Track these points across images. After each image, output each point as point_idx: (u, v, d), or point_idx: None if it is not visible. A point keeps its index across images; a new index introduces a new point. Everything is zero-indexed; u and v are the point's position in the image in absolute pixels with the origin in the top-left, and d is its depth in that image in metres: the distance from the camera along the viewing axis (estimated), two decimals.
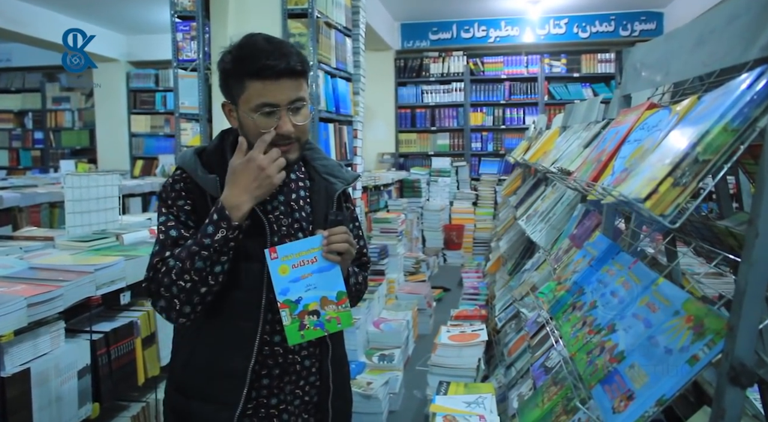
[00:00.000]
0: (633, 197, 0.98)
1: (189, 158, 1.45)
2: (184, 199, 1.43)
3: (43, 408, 1.79)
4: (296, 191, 1.54)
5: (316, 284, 1.40)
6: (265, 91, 1.35)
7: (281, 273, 1.39)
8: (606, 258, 1.58)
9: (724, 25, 1.10)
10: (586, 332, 1.32)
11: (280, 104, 1.37)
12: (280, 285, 1.38)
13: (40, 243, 2.53)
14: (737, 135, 0.90)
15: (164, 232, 1.42)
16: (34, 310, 1.74)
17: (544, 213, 3.17)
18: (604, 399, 1.07)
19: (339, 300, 1.42)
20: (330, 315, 1.41)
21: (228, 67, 1.40)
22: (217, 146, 1.50)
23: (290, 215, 1.50)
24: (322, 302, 1.40)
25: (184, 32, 4.04)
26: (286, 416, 1.48)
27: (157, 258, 1.41)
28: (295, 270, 1.39)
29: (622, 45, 7.98)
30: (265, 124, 1.37)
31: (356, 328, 3.78)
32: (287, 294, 1.38)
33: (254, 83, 1.36)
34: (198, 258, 1.33)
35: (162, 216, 1.45)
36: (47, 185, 5.87)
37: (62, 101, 9.46)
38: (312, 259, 1.40)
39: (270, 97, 1.36)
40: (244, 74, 1.36)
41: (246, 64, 1.36)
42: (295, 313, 1.38)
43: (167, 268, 1.36)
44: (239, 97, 1.39)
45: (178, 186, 1.44)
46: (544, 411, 1.67)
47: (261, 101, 1.36)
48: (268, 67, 1.34)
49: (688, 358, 0.94)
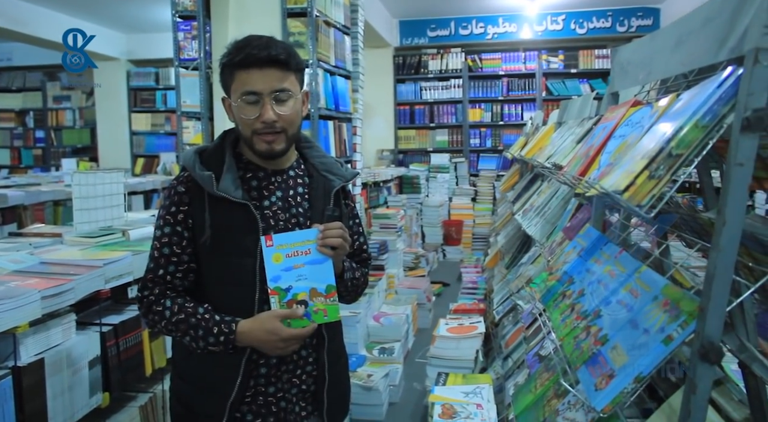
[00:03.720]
0: (613, 190, 1.06)
1: (190, 157, 1.51)
2: (182, 204, 1.49)
3: (56, 396, 1.87)
4: (294, 187, 1.59)
5: (308, 275, 1.45)
6: (249, 79, 1.43)
7: (274, 260, 1.44)
8: (594, 249, 1.65)
9: (700, 27, 1.17)
10: (573, 318, 1.40)
11: (263, 92, 1.43)
12: (272, 272, 1.44)
13: (49, 240, 2.60)
14: (707, 131, 0.97)
15: (158, 249, 1.50)
16: (47, 303, 1.82)
17: (539, 207, 3.24)
18: (588, 379, 1.15)
19: (328, 293, 1.46)
20: (318, 307, 1.46)
21: (223, 62, 1.49)
22: (218, 145, 1.56)
23: (287, 210, 1.55)
24: (311, 293, 1.46)
25: (186, 32, 4.10)
26: (284, 404, 1.54)
27: (151, 275, 1.49)
28: (288, 259, 1.44)
29: (619, 41, 8.03)
30: (248, 112, 1.45)
31: (357, 322, 3.85)
32: (278, 281, 1.44)
33: (240, 73, 1.44)
34: (188, 340, 1.45)
35: (159, 228, 1.51)
36: (50, 183, 5.94)
37: (63, 100, 9.52)
38: (306, 251, 1.45)
39: (252, 85, 1.43)
40: (234, 65, 1.45)
41: (235, 55, 1.44)
42: (284, 301, 1.44)
43: (161, 311, 1.47)
44: (230, 88, 1.48)
45: (181, 187, 1.50)
46: (536, 396, 1.74)
47: (245, 89, 1.44)
48: (251, 56, 1.42)
49: (663, 338, 1.01)
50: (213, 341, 1.43)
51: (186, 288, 1.51)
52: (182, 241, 1.49)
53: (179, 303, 1.47)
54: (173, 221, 1.48)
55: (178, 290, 1.50)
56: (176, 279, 1.49)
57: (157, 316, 1.47)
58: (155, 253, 1.50)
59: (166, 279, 1.48)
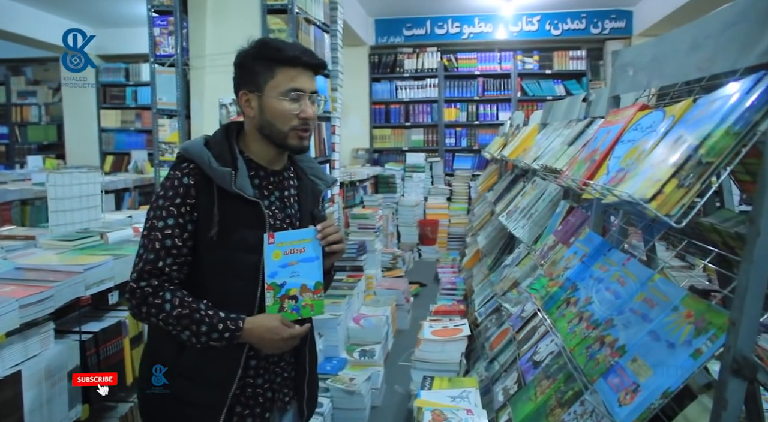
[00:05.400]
0: (639, 197, 1.02)
1: (200, 150, 1.49)
2: (189, 196, 1.47)
3: (34, 410, 1.77)
4: (288, 188, 1.65)
5: (300, 272, 1.53)
6: (296, 78, 1.50)
7: (274, 257, 1.50)
8: (597, 255, 1.62)
9: (719, 31, 1.15)
10: (584, 327, 1.36)
11: (307, 90, 1.51)
12: (270, 268, 1.50)
13: (22, 243, 2.48)
14: (739, 138, 0.94)
15: (160, 240, 1.46)
16: (25, 312, 1.72)
17: (525, 209, 3.22)
18: (608, 392, 1.11)
19: (316, 289, 1.55)
20: (306, 302, 1.54)
21: (254, 57, 1.50)
22: (223, 140, 1.54)
23: (284, 210, 1.61)
24: (301, 289, 1.53)
25: (162, 27, 3.98)
26: (270, 394, 1.61)
27: (150, 266, 1.46)
28: (285, 256, 1.51)
29: (593, 42, 8.12)
30: (291, 108, 1.50)
31: (337, 325, 3.80)
32: (275, 277, 1.51)
33: (286, 70, 1.49)
34: (187, 335, 1.45)
35: (160, 218, 1.47)
36: (16, 182, 5.74)
37: (28, 95, 9.25)
38: (301, 249, 1.53)
39: (299, 83, 1.50)
40: (276, 61, 1.49)
41: (281, 52, 1.49)
42: (278, 296, 1.51)
43: (161, 304, 1.44)
44: (267, 83, 1.50)
45: (188, 179, 1.48)
46: (537, 405, 1.71)
47: (293, 85, 1.49)
48: (300, 57, 1.49)
49: (691, 352, 0.98)
50: (216, 337, 1.45)
51: (180, 280, 1.51)
52: (184, 234, 1.48)
53: (180, 297, 1.46)
54: (177, 213, 1.48)
55: (174, 283, 1.49)
56: (173, 271, 1.48)
57: (154, 309, 1.45)
58: (156, 244, 1.46)
59: (165, 271, 1.47)
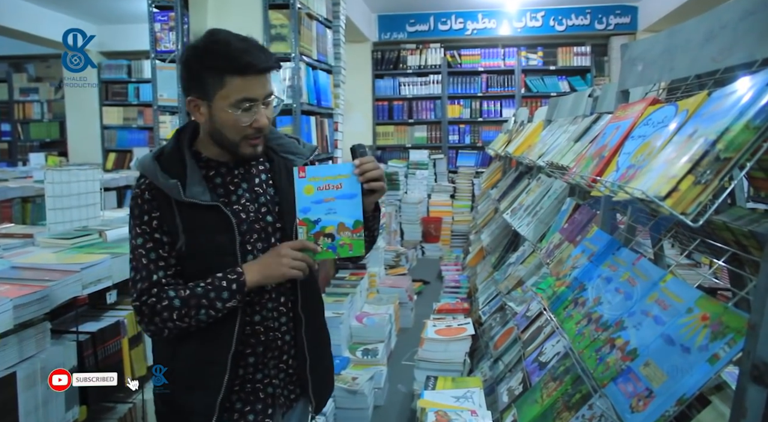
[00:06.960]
0: (653, 194, 0.97)
1: (148, 164, 1.46)
2: (153, 211, 1.45)
3: (29, 413, 1.73)
4: (258, 175, 1.57)
5: (337, 209, 1.46)
6: (247, 87, 1.40)
7: (306, 192, 1.45)
8: (606, 254, 1.58)
9: (737, 21, 1.10)
10: (592, 329, 1.32)
11: (259, 99, 1.42)
12: (302, 203, 1.45)
13: (19, 241, 2.44)
14: (759, 132, 0.89)
15: (145, 256, 1.45)
16: (20, 312, 1.68)
17: (530, 206, 3.17)
18: (619, 398, 1.07)
19: (355, 228, 1.47)
20: (344, 241, 1.47)
21: (202, 63, 1.40)
22: (175, 147, 1.50)
23: (256, 201, 1.54)
24: (339, 227, 1.47)
25: (162, 23, 3.95)
26: (271, 389, 1.56)
27: (147, 283, 1.44)
28: (319, 192, 1.45)
29: (598, 38, 8.06)
30: (244, 119, 1.42)
31: (340, 323, 3.76)
32: (307, 213, 1.45)
33: (235, 79, 1.39)
34: (204, 313, 1.41)
35: (137, 237, 1.46)
36: (18, 179, 5.69)
37: (30, 92, 9.21)
38: (337, 185, 1.46)
39: (251, 93, 1.40)
40: (225, 70, 1.38)
41: (228, 60, 1.38)
42: (312, 233, 1.46)
43: (169, 304, 1.42)
44: (216, 93, 1.41)
45: (146, 195, 1.45)
46: (544, 407, 1.67)
47: (242, 96, 1.40)
48: (252, 65, 1.38)
49: (708, 357, 0.94)
50: (227, 295, 1.41)
51: None
52: (164, 246, 1.46)
53: (180, 288, 1.44)
54: (149, 229, 1.45)
55: None
56: (170, 280, 1.46)
57: (165, 312, 1.42)
58: (143, 261, 1.45)
59: (161, 282, 1.45)
